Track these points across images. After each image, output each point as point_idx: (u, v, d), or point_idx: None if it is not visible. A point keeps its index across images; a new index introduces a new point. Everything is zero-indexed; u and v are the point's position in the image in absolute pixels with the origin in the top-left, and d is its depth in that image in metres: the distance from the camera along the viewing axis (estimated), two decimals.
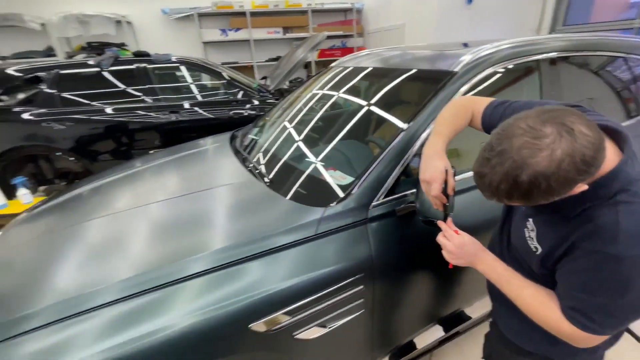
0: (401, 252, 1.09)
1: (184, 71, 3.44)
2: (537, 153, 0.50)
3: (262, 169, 1.43)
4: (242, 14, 5.74)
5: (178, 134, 3.23)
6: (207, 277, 0.89)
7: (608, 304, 0.59)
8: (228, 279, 0.89)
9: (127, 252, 1.06)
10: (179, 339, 0.80)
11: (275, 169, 1.40)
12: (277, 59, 6.29)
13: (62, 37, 5.10)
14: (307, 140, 1.57)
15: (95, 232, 1.20)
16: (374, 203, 1.05)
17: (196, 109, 3.25)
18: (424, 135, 1.11)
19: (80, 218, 1.31)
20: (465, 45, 1.78)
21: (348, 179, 1.14)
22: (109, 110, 3.08)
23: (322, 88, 1.92)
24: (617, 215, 0.55)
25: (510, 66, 1.32)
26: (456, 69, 1.24)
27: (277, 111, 2.09)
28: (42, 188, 3.36)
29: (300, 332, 0.93)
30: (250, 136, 1.92)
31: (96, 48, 5.38)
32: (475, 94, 1.24)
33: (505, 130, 0.55)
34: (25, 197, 2.61)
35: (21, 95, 3.23)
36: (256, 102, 3.43)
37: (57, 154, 3.06)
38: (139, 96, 3.18)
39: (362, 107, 1.52)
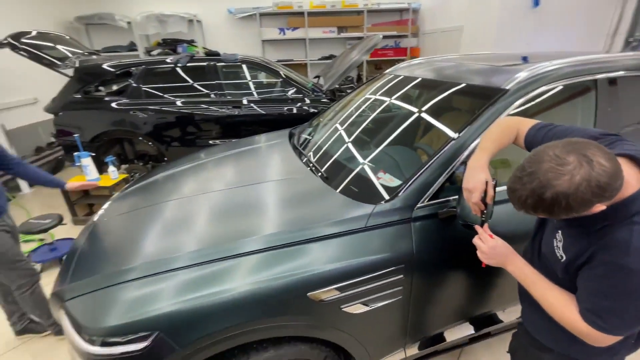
0: (440, 250, 1.23)
1: (245, 69, 3.77)
2: (559, 177, 0.63)
3: (319, 165, 1.63)
4: (300, 13, 6.00)
5: (236, 127, 3.58)
6: (273, 252, 1.11)
7: (617, 307, 0.69)
8: (291, 256, 1.10)
9: (198, 230, 1.31)
10: (243, 299, 1.01)
11: (331, 167, 1.59)
12: (329, 57, 6.49)
13: (143, 34, 5.76)
14: (360, 143, 1.74)
15: (173, 211, 1.48)
16: (419, 205, 1.20)
17: (252, 105, 3.56)
18: (472, 146, 1.21)
19: (162, 199, 1.61)
20: (525, 59, 1.81)
21: (396, 182, 1.29)
22: (181, 103, 3.50)
23: (374, 94, 2.07)
24: (631, 233, 0.66)
25: (566, 84, 1.33)
26: (508, 87, 1.31)
27: (331, 112, 2.28)
28: (124, 166, 3.92)
29: (346, 306, 1.12)
30: (308, 135, 2.13)
31: (169, 44, 6.01)
32: (526, 109, 1.31)
33: (536, 156, 0.68)
34: (113, 173, 3.11)
35: (114, 87, 3.80)
36: (308, 101, 3.66)
37: (139, 138, 3.56)
38: (207, 91, 3.57)
39: (411, 115, 1.65)
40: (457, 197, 1.16)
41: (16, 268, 1.76)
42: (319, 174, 1.55)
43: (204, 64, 3.57)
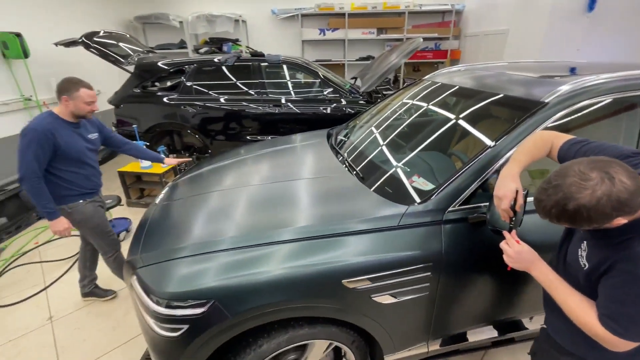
0: (468, 252, 1.30)
1: (285, 69, 3.95)
2: (582, 190, 0.70)
3: (355, 165, 1.74)
4: (341, 15, 6.10)
5: (275, 125, 3.78)
6: (311, 242, 1.24)
7: (633, 313, 0.74)
8: (328, 246, 1.23)
9: (242, 218, 1.47)
10: (282, 280, 1.15)
11: (367, 168, 1.70)
12: (367, 58, 6.54)
13: (192, 34, 6.15)
14: (396, 146, 1.83)
15: (223, 200, 1.67)
16: (450, 209, 1.28)
17: (290, 104, 3.73)
18: (507, 155, 1.26)
19: (209, 189, 1.79)
20: (573, 70, 1.79)
21: (430, 186, 1.38)
22: (225, 100, 3.76)
23: (411, 99, 2.14)
24: None
25: (612, 100, 1.32)
26: (547, 100, 1.33)
27: (369, 115, 2.38)
28: (172, 156, 4.26)
29: (376, 296, 1.23)
30: (346, 135, 2.25)
31: (215, 42, 6.36)
32: (566, 123, 1.32)
33: (562, 170, 0.75)
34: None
35: (168, 83, 4.14)
36: (344, 102, 3.77)
37: (187, 131, 3.87)
38: (250, 90, 3.79)
39: (447, 122, 1.71)
40: (487, 203, 1.22)
41: (106, 237, 2.10)
42: (355, 172, 1.66)
43: (249, 64, 3.79)
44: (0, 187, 3.38)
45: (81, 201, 1.94)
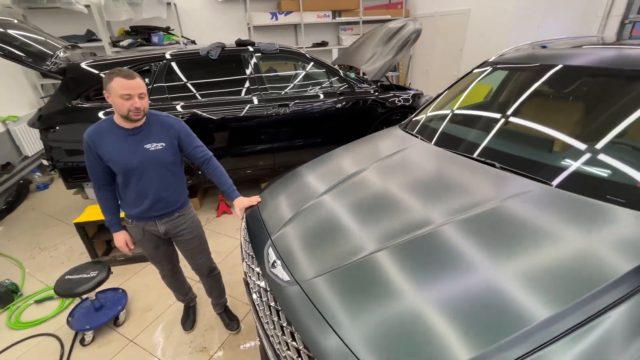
0: None
1: (283, 60, 3.27)
2: None
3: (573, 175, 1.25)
4: None
5: (283, 129, 3.13)
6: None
7: None
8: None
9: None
10: None
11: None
12: (322, 43, 6.11)
13: (105, 21, 4.72)
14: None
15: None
16: None
17: (298, 102, 3.13)
18: None
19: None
20: None
21: None
22: (215, 103, 2.92)
23: (520, 86, 1.81)
24: None
25: None
26: None
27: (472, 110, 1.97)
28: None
29: None
30: (484, 138, 1.65)
31: (141, 32, 5.05)
32: None
33: None
34: None
35: None
36: (359, 93, 3.33)
37: None
38: (244, 88, 3.02)
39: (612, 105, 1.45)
40: None
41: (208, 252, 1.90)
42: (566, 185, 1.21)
43: (240, 55, 2.99)
44: None
45: (129, 220, 1.65)
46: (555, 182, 1.25)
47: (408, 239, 1.11)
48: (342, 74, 3.32)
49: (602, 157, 1.29)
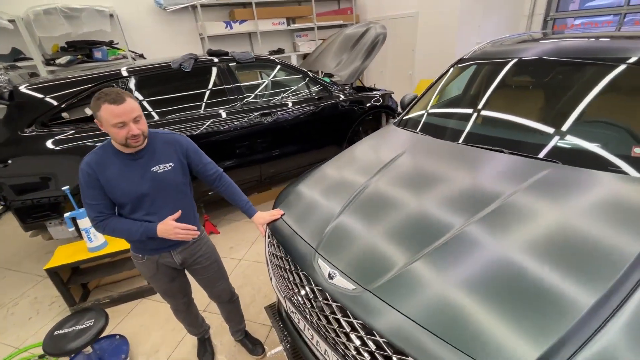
0: None
1: (258, 69, 3.18)
2: None
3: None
4: (246, 4, 5.38)
5: (267, 139, 3.04)
6: None
7: None
8: None
9: None
10: None
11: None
12: (277, 51, 6.08)
13: (37, 37, 4.17)
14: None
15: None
16: None
17: (279, 110, 3.05)
18: None
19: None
20: None
21: None
22: (191, 119, 2.74)
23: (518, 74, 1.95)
24: None
25: None
26: None
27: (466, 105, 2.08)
28: None
29: None
30: (486, 125, 1.78)
31: (81, 48, 4.56)
32: None
33: None
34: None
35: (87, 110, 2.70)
36: (340, 97, 3.37)
37: None
38: (221, 99, 2.88)
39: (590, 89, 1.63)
40: None
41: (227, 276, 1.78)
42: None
43: (215, 66, 2.85)
44: None
45: (139, 255, 1.47)
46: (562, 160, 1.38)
47: (445, 239, 1.12)
48: (319, 79, 3.33)
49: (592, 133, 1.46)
